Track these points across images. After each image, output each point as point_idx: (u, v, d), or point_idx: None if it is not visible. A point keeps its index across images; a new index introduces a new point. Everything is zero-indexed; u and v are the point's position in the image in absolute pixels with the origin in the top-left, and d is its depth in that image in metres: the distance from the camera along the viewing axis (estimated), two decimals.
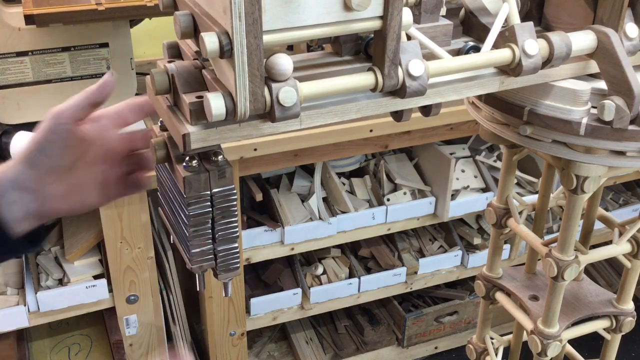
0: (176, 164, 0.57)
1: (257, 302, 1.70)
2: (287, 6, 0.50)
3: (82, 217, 1.52)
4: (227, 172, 0.56)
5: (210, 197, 0.57)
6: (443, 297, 2.02)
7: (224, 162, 0.57)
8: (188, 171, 0.56)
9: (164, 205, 0.65)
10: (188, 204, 0.56)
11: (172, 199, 0.61)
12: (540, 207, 1.01)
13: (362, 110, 0.58)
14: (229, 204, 0.58)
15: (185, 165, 0.56)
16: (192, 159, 0.56)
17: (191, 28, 0.54)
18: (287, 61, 0.50)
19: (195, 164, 0.56)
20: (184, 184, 0.55)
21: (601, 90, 0.72)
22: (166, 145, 0.59)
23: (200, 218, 0.57)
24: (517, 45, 0.63)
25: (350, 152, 1.57)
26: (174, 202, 0.61)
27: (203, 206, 0.57)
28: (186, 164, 0.56)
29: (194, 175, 0.55)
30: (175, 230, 0.63)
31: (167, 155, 0.59)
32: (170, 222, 0.64)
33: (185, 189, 0.55)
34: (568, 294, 0.97)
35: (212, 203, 0.57)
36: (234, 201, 0.58)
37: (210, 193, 0.57)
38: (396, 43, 0.55)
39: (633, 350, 2.07)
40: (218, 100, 0.50)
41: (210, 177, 0.56)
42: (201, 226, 0.58)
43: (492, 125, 0.81)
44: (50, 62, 1.36)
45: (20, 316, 1.40)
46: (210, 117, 0.50)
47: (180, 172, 0.56)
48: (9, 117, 1.38)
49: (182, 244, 0.61)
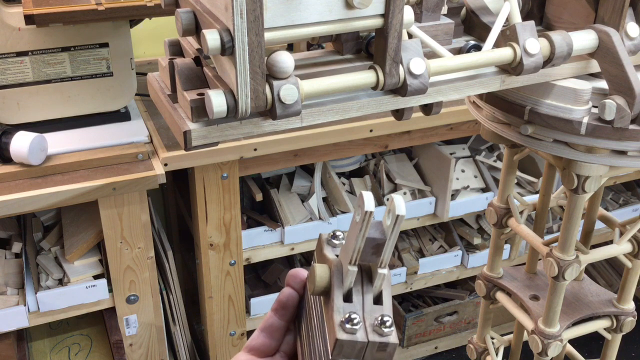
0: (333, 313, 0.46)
1: (257, 302, 1.70)
2: (288, 4, 0.50)
3: (82, 217, 1.52)
4: (389, 348, 0.45)
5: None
6: (443, 297, 2.02)
7: (389, 333, 0.45)
8: (345, 332, 0.45)
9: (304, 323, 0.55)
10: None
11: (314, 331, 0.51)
12: (540, 207, 1.01)
13: (363, 108, 0.58)
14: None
15: (345, 324, 0.45)
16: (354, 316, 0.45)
17: (193, 25, 0.54)
18: (288, 59, 0.50)
19: (357, 325, 0.45)
20: (334, 344, 0.45)
21: (602, 90, 0.72)
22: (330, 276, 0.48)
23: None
24: (519, 44, 0.63)
25: (350, 152, 1.57)
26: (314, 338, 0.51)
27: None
28: (346, 321, 0.45)
29: (349, 339, 0.45)
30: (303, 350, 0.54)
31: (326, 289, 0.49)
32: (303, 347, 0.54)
33: (334, 350, 0.45)
34: (569, 294, 0.97)
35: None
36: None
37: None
38: (397, 41, 0.55)
39: (633, 350, 2.07)
40: (219, 97, 0.50)
41: (367, 347, 0.45)
42: None
43: (493, 125, 0.81)
44: (50, 62, 1.36)
45: (20, 316, 1.40)
46: (212, 114, 0.50)
47: (335, 329, 0.45)
48: (9, 117, 1.38)
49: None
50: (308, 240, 1.66)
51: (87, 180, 1.30)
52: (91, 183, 1.29)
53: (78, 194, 1.28)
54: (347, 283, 0.47)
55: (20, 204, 1.25)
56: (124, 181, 1.31)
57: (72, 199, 1.29)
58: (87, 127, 1.44)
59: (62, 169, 1.32)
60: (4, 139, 1.29)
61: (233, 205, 1.47)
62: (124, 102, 1.46)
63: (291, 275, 0.56)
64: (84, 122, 1.44)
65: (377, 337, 0.45)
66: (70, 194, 1.28)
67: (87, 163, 1.34)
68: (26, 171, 1.30)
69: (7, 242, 1.55)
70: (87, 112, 1.44)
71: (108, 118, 1.46)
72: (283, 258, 1.77)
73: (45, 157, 1.32)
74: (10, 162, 1.31)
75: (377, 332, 0.45)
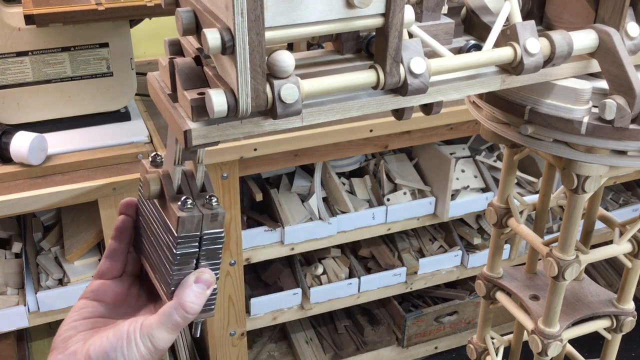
0: (170, 202, 0.57)
1: (257, 302, 1.70)
2: (289, 3, 0.50)
3: (82, 217, 1.52)
4: (219, 217, 0.58)
5: (199, 238, 0.58)
6: (443, 297, 2.02)
7: (217, 206, 0.58)
8: (183, 211, 0.56)
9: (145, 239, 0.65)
10: (177, 242, 0.57)
11: (156, 234, 0.61)
12: (540, 207, 1.01)
13: (364, 108, 0.58)
14: (216, 246, 0.59)
15: (181, 205, 0.56)
16: (188, 199, 0.56)
17: (193, 25, 0.54)
18: (289, 58, 0.50)
19: (191, 204, 0.56)
20: (177, 223, 0.56)
21: (602, 90, 0.72)
22: (161, 182, 0.59)
23: (186, 257, 0.58)
24: (519, 43, 0.63)
25: (350, 152, 1.57)
26: (158, 238, 0.61)
27: (191, 246, 0.58)
28: (182, 203, 0.56)
29: (188, 215, 0.56)
30: (153, 265, 0.63)
31: (160, 192, 0.60)
32: (149, 257, 0.64)
33: (177, 228, 0.56)
34: (568, 294, 0.97)
35: (200, 244, 0.58)
36: (221, 244, 0.59)
37: (200, 235, 0.58)
38: (398, 40, 0.55)
39: (633, 350, 2.07)
40: (220, 96, 0.50)
41: (203, 219, 0.57)
42: (185, 265, 0.58)
43: (493, 125, 0.81)
44: (50, 62, 1.36)
45: (20, 316, 1.40)
46: (212, 114, 0.50)
47: (175, 211, 0.56)
48: (9, 117, 1.38)
49: (161, 279, 0.61)
50: (308, 240, 1.66)
51: (87, 180, 1.30)
52: (91, 183, 1.29)
53: (78, 194, 1.28)
54: (175, 180, 0.59)
55: (20, 204, 1.25)
56: (124, 181, 1.31)
57: (72, 199, 1.29)
58: (87, 127, 1.44)
59: (62, 169, 1.32)
60: (4, 139, 1.29)
61: (233, 205, 1.47)
62: (124, 102, 1.46)
63: (122, 204, 0.66)
64: (84, 122, 1.44)
65: (209, 211, 0.57)
66: (70, 194, 1.28)
67: (87, 163, 1.34)
68: (26, 171, 1.30)
69: (7, 242, 1.56)
70: (87, 112, 1.44)
71: (108, 118, 1.46)
72: (283, 258, 1.77)
73: (45, 157, 1.32)
74: (10, 162, 1.31)
75: (208, 207, 0.58)
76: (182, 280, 0.58)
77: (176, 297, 0.58)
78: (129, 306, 0.65)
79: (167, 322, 0.57)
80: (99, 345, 0.57)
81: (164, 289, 0.60)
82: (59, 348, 0.59)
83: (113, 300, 0.64)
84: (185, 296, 0.57)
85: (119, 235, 0.66)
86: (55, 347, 0.60)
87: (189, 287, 0.58)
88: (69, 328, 0.61)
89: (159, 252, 0.61)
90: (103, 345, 0.57)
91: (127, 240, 0.66)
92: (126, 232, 0.66)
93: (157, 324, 0.57)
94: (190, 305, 0.57)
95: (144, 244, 0.65)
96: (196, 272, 0.59)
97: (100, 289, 0.64)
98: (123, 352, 0.57)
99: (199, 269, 0.59)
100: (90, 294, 0.64)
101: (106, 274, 0.65)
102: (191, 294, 0.58)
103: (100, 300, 0.64)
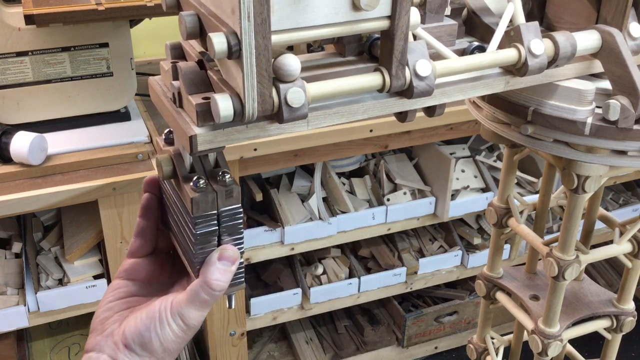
0: (183, 183, 0.56)
1: (257, 302, 1.70)
2: (295, 6, 0.50)
3: (82, 217, 1.52)
4: (234, 192, 0.57)
5: (217, 216, 0.57)
6: (443, 297, 2.02)
7: (231, 182, 0.57)
8: (196, 191, 0.55)
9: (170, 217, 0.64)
10: (195, 223, 0.56)
11: (177, 214, 0.61)
12: (540, 207, 1.01)
13: (369, 110, 0.58)
14: (235, 222, 0.58)
15: (194, 186, 0.55)
16: (200, 179, 0.55)
17: (197, 28, 0.53)
18: (295, 61, 0.50)
19: (203, 184, 0.55)
20: (191, 204, 0.55)
21: (605, 90, 0.72)
22: (172, 161, 0.58)
23: (206, 236, 0.57)
24: (523, 45, 0.63)
25: (350, 152, 1.57)
26: (179, 217, 0.60)
27: (209, 225, 0.57)
28: (194, 183, 0.55)
29: (201, 195, 0.55)
30: (181, 244, 0.62)
31: (173, 172, 0.59)
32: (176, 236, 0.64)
33: (192, 209, 0.55)
34: (569, 294, 0.97)
35: (219, 222, 0.57)
36: (240, 219, 0.58)
37: (217, 212, 0.57)
38: (404, 43, 0.55)
39: (633, 350, 2.07)
40: (226, 101, 0.49)
41: (217, 197, 0.56)
42: (207, 244, 0.58)
43: (494, 125, 0.81)
44: (50, 62, 1.36)
45: (20, 316, 1.40)
46: (218, 119, 0.50)
47: (188, 193, 0.55)
48: (9, 117, 1.37)
49: (189, 259, 0.61)
50: (308, 240, 1.66)
51: (87, 180, 1.30)
52: (91, 183, 1.29)
53: (78, 194, 1.28)
54: (186, 159, 0.58)
55: (20, 204, 1.25)
56: (124, 181, 1.31)
57: (72, 199, 1.28)
58: (87, 127, 1.44)
59: (62, 169, 1.32)
60: (4, 139, 1.29)
61: None
62: (124, 102, 1.46)
63: (145, 182, 0.65)
64: (84, 122, 1.44)
65: (222, 188, 0.56)
66: (70, 194, 1.28)
67: (87, 163, 1.34)
68: (26, 171, 1.30)
69: (7, 242, 1.55)
70: (87, 112, 1.44)
71: (108, 118, 1.46)
72: (283, 258, 1.77)
73: (45, 157, 1.32)
74: (10, 162, 1.31)
75: (221, 184, 0.56)
76: (207, 258, 0.58)
77: (202, 275, 0.57)
78: (163, 282, 0.65)
79: (195, 300, 0.57)
80: (133, 327, 0.57)
81: (192, 268, 0.60)
82: (97, 330, 0.60)
83: (146, 278, 0.64)
84: (210, 274, 0.57)
85: (145, 213, 0.65)
86: (94, 329, 0.60)
87: (213, 264, 0.57)
88: (106, 309, 0.61)
89: (182, 231, 0.60)
90: (137, 327, 0.57)
91: (154, 217, 0.65)
92: (152, 210, 0.65)
93: (186, 302, 0.57)
94: (217, 282, 0.57)
95: (170, 221, 0.65)
96: (219, 250, 0.58)
97: (132, 267, 0.64)
98: (157, 332, 0.57)
99: (221, 245, 0.58)
100: (124, 273, 0.64)
101: (137, 252, 0.65)
102: (216, 272, 0.57)
103: (133, 278, 0.64)
